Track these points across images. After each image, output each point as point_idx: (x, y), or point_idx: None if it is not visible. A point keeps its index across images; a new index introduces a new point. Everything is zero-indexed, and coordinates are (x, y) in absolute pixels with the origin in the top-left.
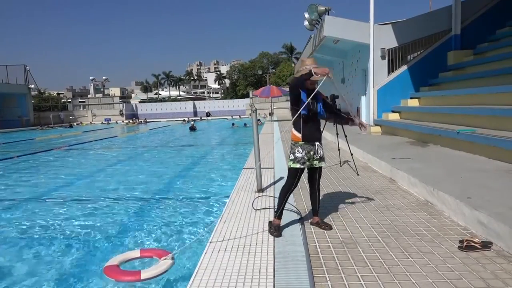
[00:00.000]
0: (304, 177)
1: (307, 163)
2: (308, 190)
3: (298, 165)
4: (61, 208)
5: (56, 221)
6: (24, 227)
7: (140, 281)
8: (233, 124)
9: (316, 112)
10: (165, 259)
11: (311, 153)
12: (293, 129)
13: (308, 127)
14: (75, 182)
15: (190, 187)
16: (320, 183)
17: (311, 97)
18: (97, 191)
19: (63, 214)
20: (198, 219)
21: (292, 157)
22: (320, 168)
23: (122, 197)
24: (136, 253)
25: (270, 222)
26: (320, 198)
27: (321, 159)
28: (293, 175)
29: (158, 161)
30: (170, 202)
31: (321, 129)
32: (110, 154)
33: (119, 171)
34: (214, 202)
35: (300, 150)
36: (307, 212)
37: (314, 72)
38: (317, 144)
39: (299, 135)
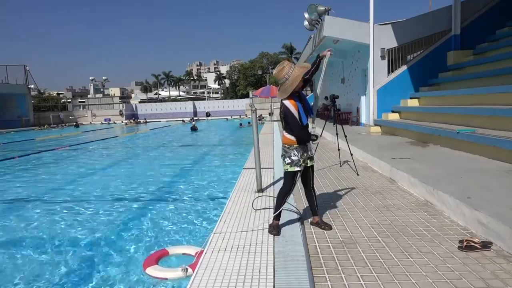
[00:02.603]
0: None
1: (303, 164)
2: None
3: (296, 168)
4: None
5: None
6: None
7: (144, 272)
8: (240, 124)
9: (308, 114)
10: (180, 266)
11: (305, 154)
12: (285, 133)
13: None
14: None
15: (191, 187)
16: (315, 181)
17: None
18: (97, 191)
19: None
20: (199, 219)
21: (288, 160)
22: (312, 166)
23: (137, 196)
24: (192, 251)
25: (269, 224)
26: (317, 197)
27: (312, 157)
28: (292, 178)
29: (166, 160)
30: (174, 201)
31: (322, 129)
32: (114, 154)
33: (129, 170)
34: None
35: (296, 152)
36: (307, 212)
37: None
38: (309, 144)
39: (293, 138)
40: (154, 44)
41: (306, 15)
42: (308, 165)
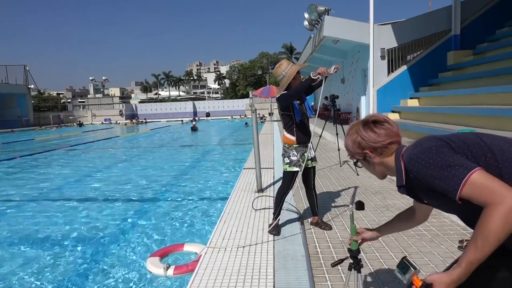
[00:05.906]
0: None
1: (302, 165)
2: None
3: (295, 168)
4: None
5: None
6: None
7: (145, 264)
8: (246, 123)
9: (306, 113)
10: (164, 264)
11: (305, 154)
12: (286, 132)
13: (301, 129)
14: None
15: (192, 187)
16: (315, 182)
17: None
18: (96, 190)
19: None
20: (199, 218)
21: (287, 160)
22: (314, 167)
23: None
24: (201, 250)
25: (269, 224)
26: (318, 197)
27: (314, 159)
28: (290, 178)
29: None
30: (174, 201)
31: (322, 130)
32: (115, 154)
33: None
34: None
35: (295, 153)
36: (307, 212)
37: (318, 73)
38: (309, 145)
39: (293, 138)
40: (154, 44)
41: (306, 15)
42: (309, 166)
